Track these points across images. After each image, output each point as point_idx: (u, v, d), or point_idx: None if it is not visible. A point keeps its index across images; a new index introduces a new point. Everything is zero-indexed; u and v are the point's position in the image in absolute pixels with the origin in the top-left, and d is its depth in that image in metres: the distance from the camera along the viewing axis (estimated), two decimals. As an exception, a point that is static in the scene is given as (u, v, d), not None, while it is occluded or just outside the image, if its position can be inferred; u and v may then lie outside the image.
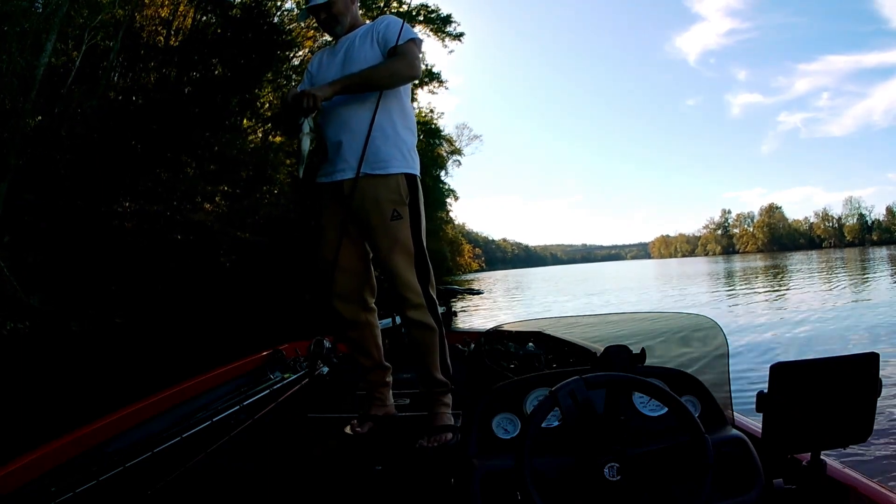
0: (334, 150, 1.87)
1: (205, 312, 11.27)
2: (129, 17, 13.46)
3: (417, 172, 1.92)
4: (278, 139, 18.40)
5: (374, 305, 2.03)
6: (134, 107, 13.37)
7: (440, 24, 22.57)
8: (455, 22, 22.96)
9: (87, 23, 11.59)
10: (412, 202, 1.88)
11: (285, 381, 2.25)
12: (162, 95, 13.71)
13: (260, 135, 18.49)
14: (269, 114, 18.10)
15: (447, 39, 23.16)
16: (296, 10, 17.17)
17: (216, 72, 15.00)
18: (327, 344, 2.42)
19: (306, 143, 1.77)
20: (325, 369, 2.47)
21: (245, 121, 17.66)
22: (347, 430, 1.91)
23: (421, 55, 1.89)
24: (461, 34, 23.11)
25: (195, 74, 14.30)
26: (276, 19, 16.86)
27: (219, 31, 15.20)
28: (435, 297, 1.93)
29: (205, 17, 15.29)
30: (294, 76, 18.53)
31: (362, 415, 1.98)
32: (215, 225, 14.32)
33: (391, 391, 2.08)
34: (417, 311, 1.87)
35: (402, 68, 1.79)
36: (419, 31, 21.96)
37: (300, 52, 19.00)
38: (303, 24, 17.40)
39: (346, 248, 1.90)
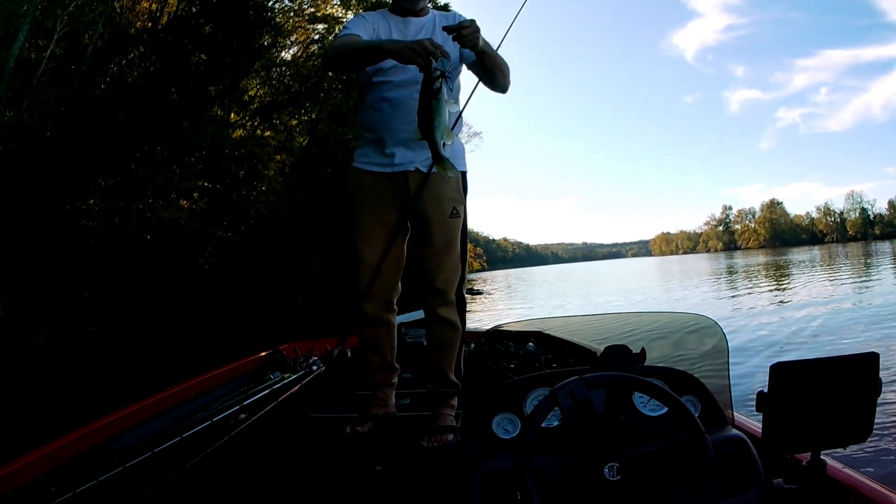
0: (398, 140, 1.80)
1: (186, 318, 10.95)
2: (110, 7, 13.01)
3: (467, 170, 1.94)
4: (267, 133, 17.94)
5: (396, 306, 2.01)
6: (108, 96, 12.85)
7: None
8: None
9: (63, 10, 11.23)
10: (464, 201, 1.89)
11: (285, 381, 2.25)
12: (138, 82, 13.23)
13: (249, 129, 18.00)
14: (256, 105, 17.58)
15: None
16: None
17: (193, 58, 14.29)
18: (349, 354, 2.45)
19: (444, 112, 1.49)
20: (323, 367, 2.48)
21: (233, 115, 17.17)
22: (347, 429, 1.91)
23: None
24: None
25: (173, 65, 13.70)
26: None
27: (195, 11, 14.52)
28: (464, 296, 1.93)
29: (191, 8, 14.79)
30: (287, 70, 18.26)
31: (362, 414, 1.98)
32: (192, 224, 13.77)
33: (394, 392, 2.08)
34: (448, 308, 1.86)
35: (509, 78, 1.82)
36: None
37: (292, 48, 18.65)
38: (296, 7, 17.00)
39: (384, 248, 1.87)
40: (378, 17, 1.87)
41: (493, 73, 1.78)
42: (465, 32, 1.54)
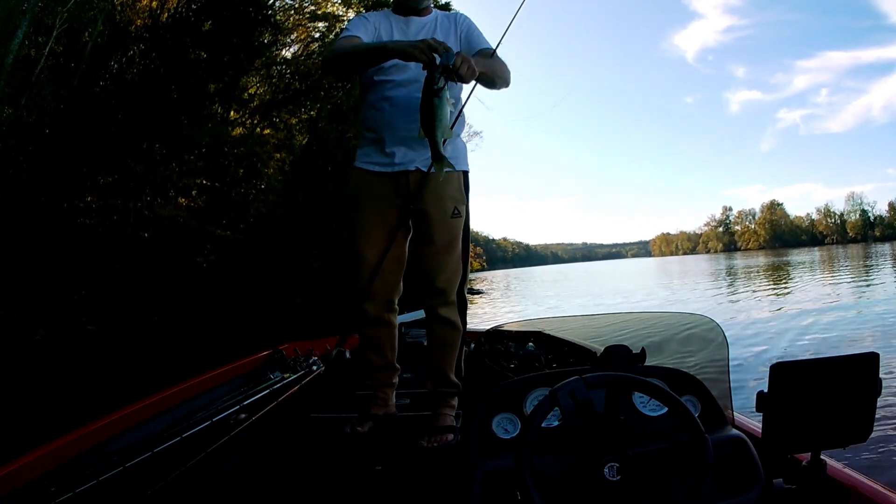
0: (398, 140, 1.79)
1: (185, 318, 10.84)
2: (110, 4, 12.93)
3: (469, 170, 1.94)
4: (267, 131, 17.82)
5: (397, 306, 2.00)
6: (107, 93, 12.74)
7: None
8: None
9: (63, 7, 11.14)
10: (466, 201, 1.90)
11: (285, 381, 2.25)
12: (137, 80, 13.10)
13: (249, 127, 17.81)
14: (256, 103, 17.50)
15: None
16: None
17: (191, 54, 14.09)
18: (348, 355, 2.45)
19: (446, 112, 1.52)
20: (323, 367, 2.48)
21: (232, 113, 17.05)
22: (347, 429, 1.91)
23: None
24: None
25: (172, 62, 13.57)
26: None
27: (194, 8, 14.36)
28: (466, 296, 1.93)
29: (191, 5, 14.66)
30: (287, 68, 18.20)
31: (362, 414, 1.98)
32: (190, 222, 13.55)
33: (394, 392, 2.08)
34: (449, 308, 1.86)
35: (508, 79, 1.81)
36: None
37: (293, 46, 18.58)
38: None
39: (385, 247, 1.87)
40: (380, 17, 1.87)
41: (494, 83, 1.79)
42: (462, 71, 1.52)
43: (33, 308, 9.18)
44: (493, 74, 1.75)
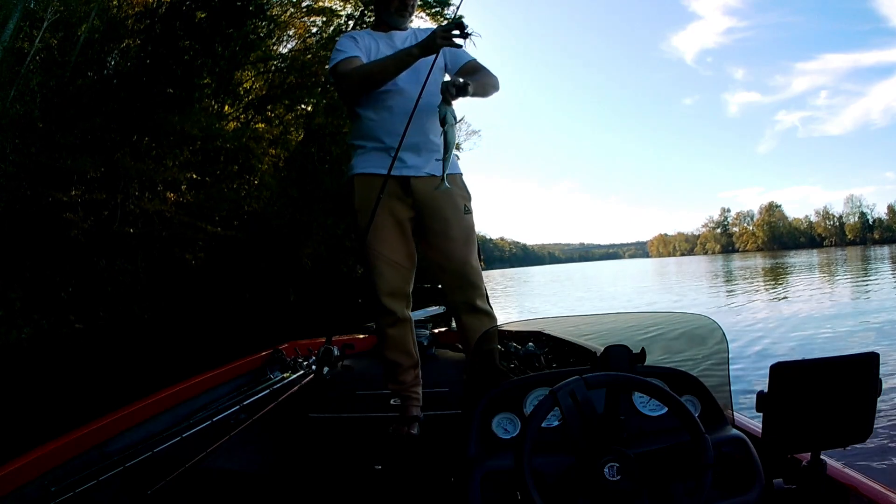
0: (406, 146, 1.84)
1: (178, 315, 10.76)
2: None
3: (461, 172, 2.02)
4: (261, 125, 17.70)
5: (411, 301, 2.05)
6: (99, 84, 12.67)
7: (438, 7, 21.94)
8: (452, 4, 22.32)
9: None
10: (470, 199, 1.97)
11: (285, 381, 2.24)
12: (129, 69, 13.04)
13: (243, 121, 17.63)
14: (252, 97, 17.47)
15: (443, 24, 22.41)
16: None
17: (182, 43, 13.99)
18: (336, 351, 2.45)
19: (454, 135, 1.70)
20: (326, 369, 2.47)
21: (227, 107, 16.95)
22: (390, 430, 1.90)
23: None
24: (458, 18, 22.42)
25: (163, 50, 13.32)
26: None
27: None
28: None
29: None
30: (283, 63, 18.13)
31: (403, 416, 1.96)
32: (180, 217, 13.44)
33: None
34: (483, 299, 1.92)
35: (498, 84, 1.91)
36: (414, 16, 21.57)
37: (290, 42, 18.43)
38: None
39: (400, 245, 1.91)
40: (364, 35, 1.95)
41: (487, 93, 1.87)
42: (454, 92, 1.66)
43: (19, 304, 9.10)
44: (486, 87, 1.85)
